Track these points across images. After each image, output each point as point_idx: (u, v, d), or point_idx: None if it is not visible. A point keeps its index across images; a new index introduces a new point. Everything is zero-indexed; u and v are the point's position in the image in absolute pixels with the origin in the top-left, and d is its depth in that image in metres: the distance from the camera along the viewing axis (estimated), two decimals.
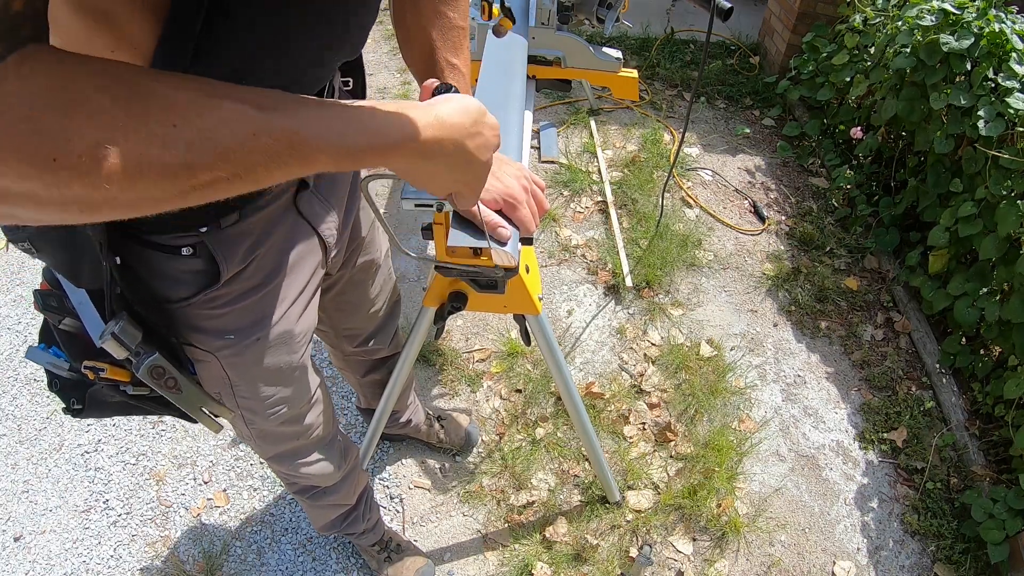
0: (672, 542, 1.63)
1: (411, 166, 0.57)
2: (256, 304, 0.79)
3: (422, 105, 0.56)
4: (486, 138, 0.61)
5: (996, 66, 1.92)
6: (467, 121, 0.58)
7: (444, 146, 0.56)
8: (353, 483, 1.28)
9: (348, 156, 0.49)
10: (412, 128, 0.52)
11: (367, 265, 1.11)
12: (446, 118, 0.56)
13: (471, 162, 0.60)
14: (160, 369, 0.73)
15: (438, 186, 0.62)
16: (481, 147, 0.60)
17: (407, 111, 0.53)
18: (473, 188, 0.65)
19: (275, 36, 0.56)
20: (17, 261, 2.22)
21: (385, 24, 3.54)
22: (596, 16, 1.67)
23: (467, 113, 0.58)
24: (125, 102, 0.38)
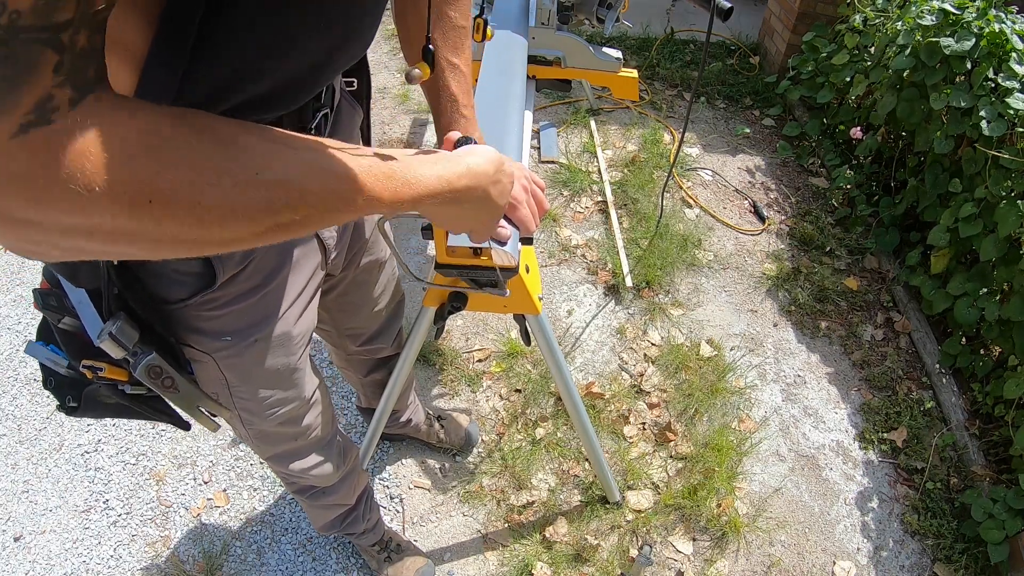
0: (672, 542, 1.63)
1: (441, 211, 0.64)
2: (254, 306, 0.79)
3: (454, 156, 0.62)
4: (504, 185, 0.68)
5: (996, 66, 1.92)
6: (491, 170, 0.64)
7: (473, 193, 0.62)
8: (352, 483, 1.28)
9: (400, 205, 0.54)
10: (449, 178, 0.59)
11: (371, 265, 1.11)
12: (475, 168, 0.62)
13: (491, 206, 0.67)
14: (157, 369, 0.74)
15: (459, 226, 0.71)
16: (501, 192, 0.68)
17: (445, 163, 0.59)
18: (487, 228, 0.72)
19: (275, 37, 0.56)
20: (17, 261, 2.22)
21: (386, 24, 3.54)
22: (596, 16, 1.67)
23: (491, 163, 0.65)
24: (211, 148, 0.41)
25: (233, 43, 0.53)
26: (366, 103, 0.93)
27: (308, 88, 0.66)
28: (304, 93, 0.66)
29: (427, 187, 0.56)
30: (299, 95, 0.65)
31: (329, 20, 0.59)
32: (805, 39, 2.86)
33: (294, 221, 0.46)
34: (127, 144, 0.37)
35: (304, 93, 0.66)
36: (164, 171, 0.38)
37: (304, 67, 0.62)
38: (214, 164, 0.41)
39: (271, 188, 0.44)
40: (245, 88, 0.57)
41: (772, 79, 3.10)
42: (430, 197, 0.57)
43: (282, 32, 0.56)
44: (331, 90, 0.80)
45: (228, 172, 0.41)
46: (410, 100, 3.02)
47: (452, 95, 0.86)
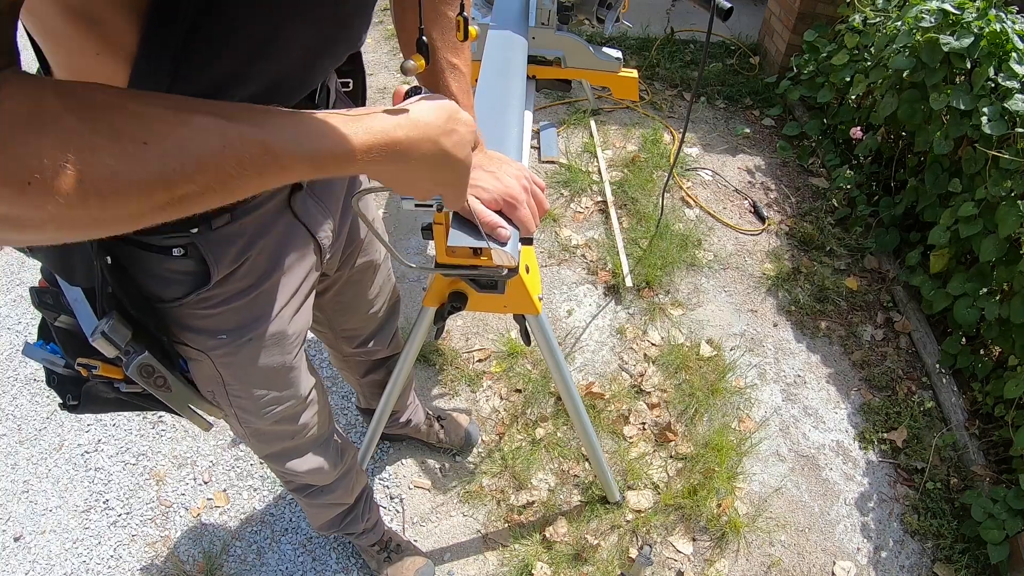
0: (672, 542, 1.63)
1: (389, 171, 0.57)
2: (249, 304, 0.79)
3: (394, 108, 0.56)
4: (461, 135, 0.60)
5: (996, 66, 1.92)
6: (440, 119, 0.58)
7: (419, 146, 0.56)
8: (351, 483, 1.28)
9: (321, 163, 0.49)
10: (383, 131, 0.52)
11: (366, 266, 1.11)
12: (418, 118, 0.56)
13: (450, 161, 0.60)
14: (149, 368, 0.74)
15: (421, 189, 0.62)
16: (458, 144, 0.60)
17: (378, 115, 0.53)
18: (457, 187, 0.65)
19: (265, 37, 0.56)
20: (17, 261, 2.22)
21: (385, 24, 3.54)
22: (596, 16, 1.67)
23: (439, 111, 0.58)
24: (93, 122, 0.38)
25: (222, 43, 0.53)
26: (362, 103, 0.93)
27: (299, 87, 0.66)
28: (295, 92, 0.66)
29: (360, 143, 0.51)
30: (290, 94, 0.65)
31: (316, 19, 0.59)
32: (806, 39, 2.86)
33: (194, 192, 0.42)
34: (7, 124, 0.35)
35: (295, 92, 0.66)
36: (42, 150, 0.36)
37: (293, 66, 0.62)
38: (97, 137, 0.38)
39: (162, 158, 0.40)
40: (235, 88, 0.57)
41: (772, 79, 3.10)
42: (364, 154, 0.51)
43: (271, 32, 0.56)
44: (325, 90, 0.80)
45: (111, 144, 0.38)
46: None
47: (452, 95, 0.86)
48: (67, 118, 0.37)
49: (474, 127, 0.63)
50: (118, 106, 0.39)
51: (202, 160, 0.42)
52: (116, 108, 0.39)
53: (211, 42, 0.52)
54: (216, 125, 0.43)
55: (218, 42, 0.52)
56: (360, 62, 0.89)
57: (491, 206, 0.86)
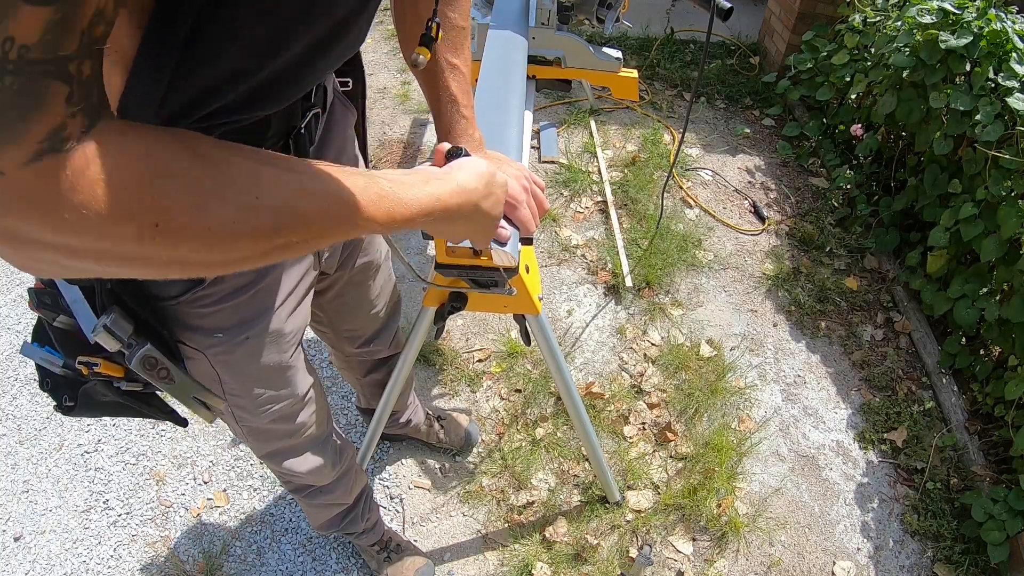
0: (672, 542, 1.63)
1: (436, 227, 0.67)
2: (245, 303, 0.79)
3: (443, 173, 0.64)
4: (497, 196, 0.70)
5: (996, 66, 1.92)
6: (481, 185, 0.67)
7: (464, 209, 0.65)
8: (350, 483, 1.28)
9: (392, 226, 0.56)
10: (439, 199, 0.61)
11: (366, 266, 1.11)
12: (465, 185, 0.64)
13: (485, 219, 0.70)
14: (153, 360, 0.74)
15: (455, 237, 0.75)
16: (494, 205, 0.70)
17: (434, 183, 0.61)
18: (484, 236, 0.76)
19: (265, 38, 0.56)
20: None
21: (385, 24, 3.54)
22: (596, 16, 1.67)
23: (480, 178, 0.67)
24: (213, 173, 0.42)
25: (221, 45, 0.53)
26: (361, 103, 0.92)
27: (296, 87, 0.66)
28: (292, 92, 0.66)
29: (419, 207, 0.58)
30: (286, 95, 0.64)
31: (315, 20, 0.59)
32: (805, 39, 2.86)
33: (293, 243, 0.48)
34: (133, 170, 0.38)
35: (292, 92, 0.66)
36: (169, 196, 0.39)
37: (291, 66, 0.62)
38: (216, 188, 0.42)
39: (272, 212, 0.45)
40: (232, 89, 0.56)
41: (772, 79, 3.10)
42: (422, 216, 0.59)
43: (270, 33, 0.56)
44: (322, 90, 0.79)
45: (230, 196, 0.43)
46: (410, 100, 3.02)
47: (452, 96, 0.86)
48: (195, 170, 0.41)
49: (506, 187, 0.74)
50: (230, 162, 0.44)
51: (304, 216, 0.48)
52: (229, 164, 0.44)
53: (210, 43, 0.52)
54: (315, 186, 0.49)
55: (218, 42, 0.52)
56: (359, 62, 0.89)
57: None
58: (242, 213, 0.43)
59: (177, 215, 0.40)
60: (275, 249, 0.47)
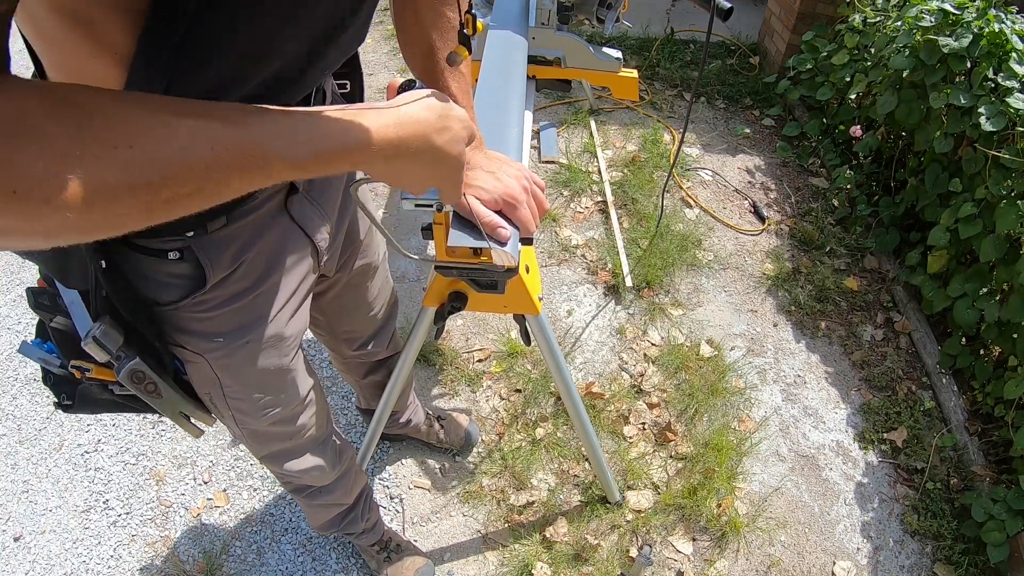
0: (672, 542, 1.63)
1: (380, 168, 0.57)
2: (245, 307, 0.79)
3: (383, 106, 0.55)
4: (454, 131, 0.60)
5: (996, 66, 1.92)
6: (431, 116, 0.58)
7: (409, 144, 0.56)
8: (349, 483, 1.28)
9: (307, 164, 0.48)
10: (369, 130, 0.52)
11: (364, 268, 1.11)
12: (408, 115, 0.56)
13: (442, 157, 0.60)
14: (140, 374, 0.74)
15: (415, 185, 0.62)
16: (450, 141, 0.60)
17: (366, 114, 0.53)
18: (452, 182, 0.65)
19: (262, 38, 0.56)
20: (17, 261, 2.22)
21: (385, 24, 3.54)
22: (596, 16, 1.67)
23: (431, 108, 0.58)
24: (76, 128, 0.37)
25: (219, 46, 0.53)
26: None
27: (294, 89, 0.66)
28: (291, 94, 0.66)
29: (353, 142, 0.51)
30: (284, 97, 0.64)
31: (310, 21, 0.59)
32: (805, 39, 2.86)
33: (182, 194, 0.42)
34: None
35: (291, 94, 0.66)
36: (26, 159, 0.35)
37: (289, 68, 0.62)
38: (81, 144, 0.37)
39: (148, 163, 0.39)
40: (230, 90, 0.56)
41: (772, 79, 3.10)
42: (358, 153, 0.52)
43: (267, 33, 0.56)
44: (321, 93, 0.79)
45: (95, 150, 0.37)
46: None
47: (451, 95, 0.86)
48: (47, 125, 0.36)
49: (469, 123, 0.63)
50: (102, 110, 0.39)
51: (189, 164, 0.41)
52: (101, 112, 0.38)
53: (208, 44, 0.52)
54: (204, 128, 0.42)
55: (215, 44, 0.52)
56: (357, 63, 0.89)
57: (491, 206, 0.86)
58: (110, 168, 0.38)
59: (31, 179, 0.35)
60: (162, 203, 0.41)
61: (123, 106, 0.40)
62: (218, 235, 0.71)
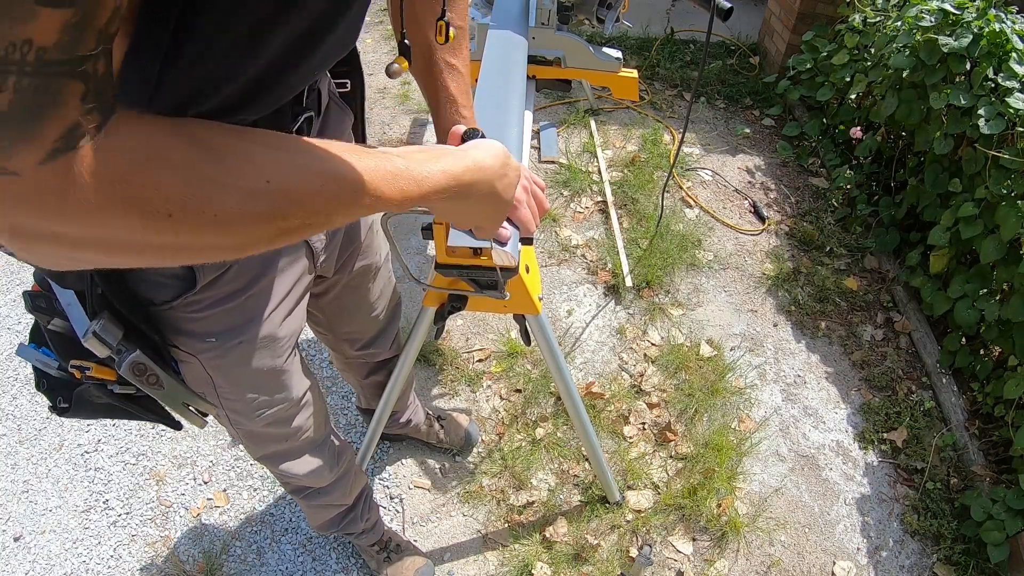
0: (672, 542, 1.63)
1: (448, 206, 0.64)
2: (238, 308, 0.79)
3: (459, 151, 0.62)
4: (510, 179, 0.68)
5: (996, 66, 1.92)
6: (497, 164, 0.65)
7: (479, 188, 0.63)
8: (348, 484, 1.28)
9: (403, 203, 0.54)
10: (455, 174, 0.59)
11: (365, 269, 1.10)
12: (480, 163, 0.63)
13: (498, 201, 0.68)
14: (142, 366, 0.74)
15: (465, 221, 0.71)
16: (507, 187, 0.68)
17: (449, 159, 0.59)
18: (495, 222, 0.74)
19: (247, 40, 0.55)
20: (17, 261, 2.22)
21: (385, 24, 3.54)
22: (596, 16, 1.67)
23: (497, 157, 0.65)
24: (215, 160, 0.42)
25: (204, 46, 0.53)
26: (359, 105, 0.92)
27: (281, 90, 0.65)
28: (277, 95, 0.65)
29: (433, 184, 0.56)
30: (272, 98, 0.64)
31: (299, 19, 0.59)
32: (805, 39, 2.86)
33: (301, 225, 0.48)
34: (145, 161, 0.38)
35: (277, 95, 0.65)
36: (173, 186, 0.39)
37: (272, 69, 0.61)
38: (219, 175, 0.42)
39: (277, 195, 0.45)
40: (217, 91, 0.56)
41: (772, 79, 3.10)
42: (436, 194, 0.57)
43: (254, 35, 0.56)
44: (316, 92, 0.79)
45: (235, 182, 0.43)
46: (410, 100, 3.02)
47: (451, 96, 0.86)
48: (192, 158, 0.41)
49: (519, 171, 0.71)
50: (232, 146, 0.44)
51: (304, 199, 0.47)
52: (231, 148, 0.44)
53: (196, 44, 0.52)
54: (320, 167, 0.48)
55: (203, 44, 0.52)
56: (357, 63, 0.89)
57: None
58: (249, 198, 0.43)
59: (183, 203, 0.40)
60: (282, 232, 0.47)
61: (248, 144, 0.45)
62: None
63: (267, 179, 0.44)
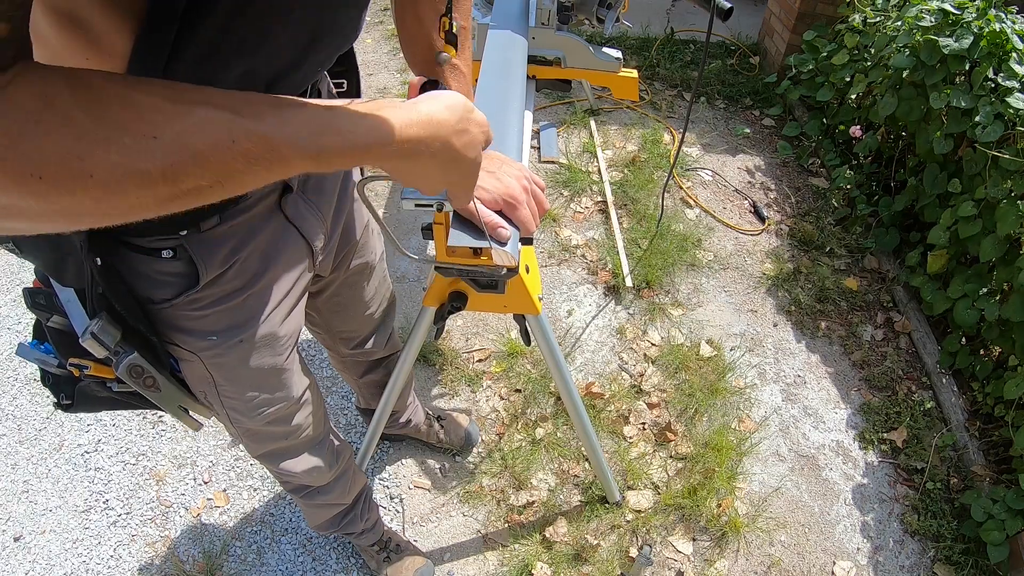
0: (672, 542, 1.63)
1: (396, 166, 0.56)
2: (239, 306, 0.79)
3: (405, 104, 0.54)
4: (473, 135, 0.59)
5: (996, 66, 1.92)
6: (452, 118, 0.56)
7: (429, 144, 0.55)
8: (348, 484, 1.28)
9: (325, 158, 0.48)
10: (392, 127, 0.51)
11: (361, 268, 1.11)
12: (430, 116, 0.55)
13: (459, 160, 0.59)
14: (139, 368, 0.74)
15: (428, 185, 0.61)
16: (468, 144, 0.59)
17: (388, 110, 0.52)
18: (465, 186, 0.64)
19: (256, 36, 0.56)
20: (17, 261, 2.22)
21: (385, 24, 3.54)
22: (596, 16, 1.67)
23: (452, 110, 0.56)
24: (101, 115, 0.38)
25: (209, 46, 0.53)
26: None
27: (287, 89, 0.66)
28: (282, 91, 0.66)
29: (368, 138, 0.50)
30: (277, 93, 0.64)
31: (303, 16, 0.59)
32: (805, 39, 2.86)
33: (201, 187, 0.42)
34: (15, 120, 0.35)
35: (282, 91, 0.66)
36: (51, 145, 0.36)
37: (283, 66, 0.61)
38: (105, 131, 0.38)
39: (168, 153, 0.39)
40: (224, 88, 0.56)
41: (772, 79, 3.10)
42: (373, 150, 0.50)
43: (257, 34, 0.56)
44: (315, 93, 0.79)
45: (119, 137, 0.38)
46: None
47: None
48: (76, 113, 0.37)
49: (486, 127, 0.62)
50: (126, 98, 0.39)
51: (207, 155, 0.41)
52: (124, 100, 0.39)
53: (201, 43, 0.52)
54: (222, 119, 0.42)
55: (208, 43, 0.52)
56: (354, 62, 0.89)
57: (491, 206, 0.86)
58: (130, 156, 0.38)
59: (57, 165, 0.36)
60: (181, 194, 0.42)
61: (142, 93, 0.40)
62: (211, 234, 0.71)
63: (154, 134, 0.39)
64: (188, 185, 0.41)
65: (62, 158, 0.36)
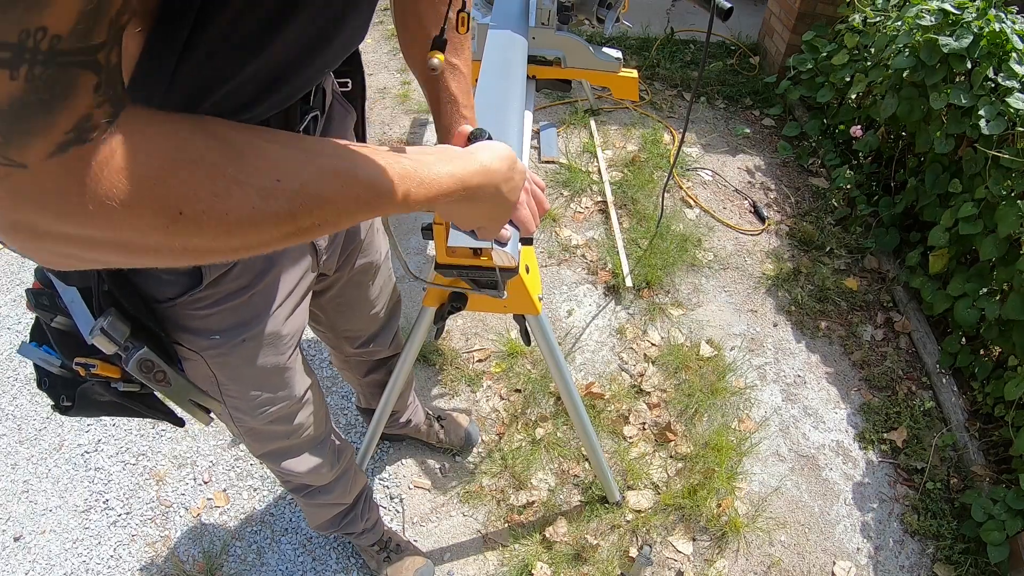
0: (672, 542, 1.63)
1: (455, 208, 0.65)
2: (243, 305, 0.79)
3: (465, 154, 0.62)
4: (516, 182, 0.68)
5: (996, 66, 1.92)
6: (504, 167, 0.65)
7: (485, 191, 0.63)
8: (348, 483, 1.28)
9: (415, 205, 0.55)
10: (463, 177, 0.59)
11: (366, 267, 1.11)
12: (487, 166, 0.63)
13: (503, 203, 0.68)
14: (149, 363, 0.74)
15: (470, 222, 0.72)
16: (513, 190, 0.68)
17: (457, 162, 0.59)
18: (498, 224, 0.74)
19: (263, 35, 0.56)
20: (17, 261, 2.22)
21: (386, 24, 3.54)
22: (596, 16, 1.67)
23: (504, 160, 0.65)
24: (234, 158, 0.42)
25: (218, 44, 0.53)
26: (360, 104, 0.92)
27: (293, 87, 0.66)
28: (288, 92, 0.66)
29: (441, 186, 0.57)
30: (285, 95, 0.64)
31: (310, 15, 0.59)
32: (805, 39, 2.86)
33: (314, 225, 0.47)
34: (157, 159, 0.37)
35: (288, 92, 0.66)
36: (190, 183, 0.39)
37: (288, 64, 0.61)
38: (237, 173, 0.41)
39: (292, 195, 0.44)
40: (228, 88, 0.57)
41: (772, 79, 3.10)
42: (444, 196, 0.57)
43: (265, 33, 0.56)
44: (321, 92, 0.79)
45: (249, 179, 0.42)
46: (410, 100, 3.02)
47: (452, 95, 0.86)
48: (210, 155, 0.40)
49: (525, 173, 0.72)
50: (252, 144, 0.43)
51: (324, 198, 0.47)
52: (251, 146, 0.43)
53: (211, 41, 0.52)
54: (337, 167, 0.48)
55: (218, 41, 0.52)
56: (359, 62, 0.89)
57: None
58: (262, 198, 0.43)
59: (199, 202, 0.39)
60: (295, 232, 0.47)
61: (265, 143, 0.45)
62: None
63: (278, 178, 0.44)
64: (307, 223, 0.47)
65: (202, 195, 0.39)
